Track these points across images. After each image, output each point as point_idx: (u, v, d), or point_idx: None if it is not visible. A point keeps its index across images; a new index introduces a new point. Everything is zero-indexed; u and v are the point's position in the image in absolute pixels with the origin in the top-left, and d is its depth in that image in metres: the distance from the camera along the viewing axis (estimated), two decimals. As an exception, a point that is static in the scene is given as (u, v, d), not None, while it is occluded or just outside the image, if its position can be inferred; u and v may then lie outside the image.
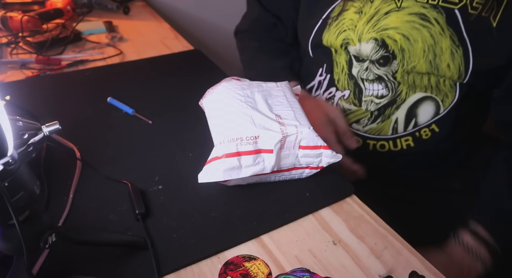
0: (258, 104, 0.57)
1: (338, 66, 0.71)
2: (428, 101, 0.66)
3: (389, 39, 0.62)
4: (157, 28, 1.19)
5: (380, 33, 0.62)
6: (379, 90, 0.67)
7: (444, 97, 0.65)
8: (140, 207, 0.51)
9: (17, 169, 0.34)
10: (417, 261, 0.48)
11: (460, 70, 0.60)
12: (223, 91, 0.61)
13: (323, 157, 0.55)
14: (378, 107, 0.69)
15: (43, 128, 0.54)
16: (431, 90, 0.65)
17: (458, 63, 0.59)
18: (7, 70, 0.89)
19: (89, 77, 0.87)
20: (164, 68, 0.93)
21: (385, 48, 0.63)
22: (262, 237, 0.50)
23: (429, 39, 0.60)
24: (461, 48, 0.59)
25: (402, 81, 0.65)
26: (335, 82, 0.72)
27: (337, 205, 0.55)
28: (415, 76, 0.63)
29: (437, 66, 0.61)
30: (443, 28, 0.59)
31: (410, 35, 0.60)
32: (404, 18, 0.60)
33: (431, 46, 0.60)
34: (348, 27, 0.66)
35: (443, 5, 0.58)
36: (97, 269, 0.44)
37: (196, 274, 0.46)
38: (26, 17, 1.02)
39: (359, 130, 0.73)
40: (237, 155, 0.51)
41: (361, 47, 0.65)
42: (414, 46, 0.61)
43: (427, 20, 0.59)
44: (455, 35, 0.58)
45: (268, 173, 0.53)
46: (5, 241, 0.36)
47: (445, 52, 0.59)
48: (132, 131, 0.68)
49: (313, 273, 0.43)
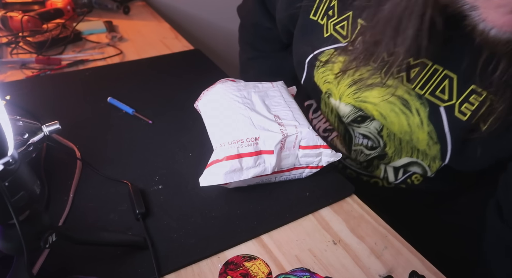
0: (256, 105, 0.57)
1: (326, 106, 0.67)
2: (415, 166, 0.63)
3: (367, 110, 0.59)
4: (157, 28, 1.19)
5: (358, 103, 0.59)
6: (365, 140, 0.65)
7: (431, 162, 0.61)
8: (140, 207, 0.51)
9: (17, 169, 0.34)
10: (417, 261, 0.48)
11: (437, 157, 0.56)
12: (219, 93, 0.61)
13: (322, 156, 0.55)
14: (367, 159, 0.66)
15: (43, 128, 0.54)
16: (417, 154, 0.61)
17: (434, 154, 0.55)
18: (7, 70, 0.89)
19: (89, 77, 0.87)
20: (164, 68, 0.93)
21: (364, 113, 0.60)
22: (262, 236, 0.50)
23: (405, 127, 0.55)
24: (439, 144, 0.53)
25: (388, 140, 0.61)
26: (327, 119, 0.69)
27: (337, 205, 0.55)
28: (402, 139, 0.59)
29: (415, 146, 0.58)
30: (423, 122, 0.53)
31: (387, 116, 0.56)
32: (386, 97, 0.55)
33: (407, 133, 0.56)
34: (331, 81, 0.62)
35: (429, 98, 0.51)
36: (97, 269, 0.44)
37: (196, 274, 0.46)
38: (26, 17, 1.02)
39: (352, 165, 0.70)
40: (238, 157, 0.51)
41: (340, 106, 0.63)
42: (390, 126, 0.57)
43: (408, 108, 0.53)
44: (434, 132, 0.53)
45: (269, 174, 0.53)
46: (5, 241, 0.36)
47: (421, 142, 0.55)
48: (132, 131, 0.68)
49: (313, 273, 0.43)
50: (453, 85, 0.49)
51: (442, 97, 0.50)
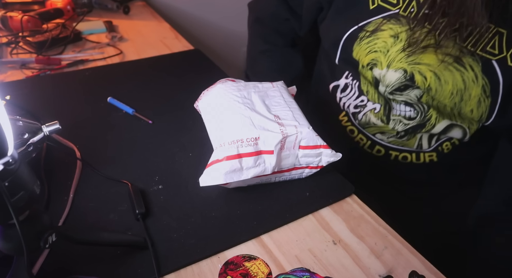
0: (256, 105, 0.57)
1: (365, 79, 0.68)
2: (456, 128, 0.64)
3: (419, 75, 0.59)
4: (157, 28, 1.19)
5: (412, 66, 0.59)
6: (407, 112, 0.65)
7: (469, 125, 0.63)
8: (140, 207, 0.51)
9: (17, 169, 0.34)
10: (417, 261, 0.48)
11: (482, 117, 0.58)
12: (219, 93, 0.61)
13: (322, 156, 0.55)
14: (405, 128, 0.67)
15: (43, 128, 0.54)
16: (455, 118, 0.63)
17: (482, 111, 0.58)
18: (7, 70, 0.89)
19: (89, 77, 0.87)
20: (164, 68, 0.93)
21: (411, 82, 0.60)
22: (262, 237, 0.50)
23: (460, 83, 0.57)
24: (490, 99, 0.57)
25: (429, 105, 0.63)
26: (364, 92, 0.70)
27: (337, 205, 0.55)
28: (439, 104, 0.61)
29: (461, 108, 0.59)
30: (477, 76, 0.56)
31: (442, 75, 0.58)
32: (439, 56, 0.57)
33: (460, 91, 0.57)
34: (380, 49, 0.62)
35: (481, 54, 0.55)
36: (97, 269, 0.44)
37: (196, 274, 0.46)
38: (26, 17, 1.02)
39: (382, 140, 0.71)
40: (238, 157, 0.51)
41: (387, 74, 0.62)
42: (443, 87, 0.58)
43: (462, 65, 0.56)
44: (488, 85, 0.56)
45: (269, 174, 0.53)
46: (5, 241, 0.36)
47: (472, 99, 0.57)
48: (132, 131, 0.68)
49: (313, 273, 0.43)
50: (503, 40, 0.53)
51: (493, 52, 0.54)
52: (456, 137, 0.66)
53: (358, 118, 0.71)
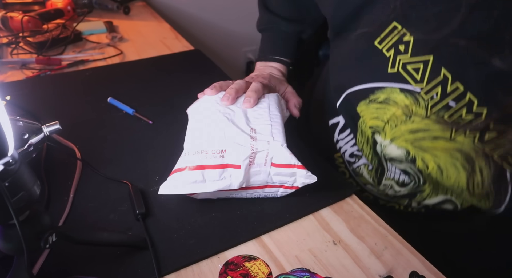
0: (235, 117, 0.55)
1: (363, 135, 0.62)
2: (448, 204, 0.61)
3: (422, 162, 0.54)
4: (157, 28, 1.19)
5: (416, 150, 0.53)
6: (401, 177, 0.61)
7: (464, 201, 0.60)
8: (140, 207, 0.51)
9: (18, 169, 0.34)
10: (417, 261, 0.48)
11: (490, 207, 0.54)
12: (208, 101, 0.59)
13: (297, 176, 0.51)
14: (395, 194, 0.64)
15: (43, 128, 0.54)
16: (451, 193, 0.59)
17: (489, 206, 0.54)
18: (8, 70, 0.89)
19: (90, 77, 0.87)
20: (164, 68, 0.93)
21: (412, 163, 0.55)
22: (262, 237, 0.50)
23: (463, 184, 0.52)
24: (493, 202, 0.52)
25: (428, 179, 0.58)
26: (360, 148, 0.64)
27: (337, 205, 0.55)
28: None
29: (464, 198, 0.56)
30: (484, 182, 0.50)
31: (445, 169, 0.52)
32: (450, 150, 0.51)
33: (462, 191, 0.53)
34: (388, 121, 0.55)
35: (498, 160, 0.48)
36: (97, 269, 0.44)
37: (196, 274, 0.46)
38: (26, 17, 1.02)
39: (372, 191, 0.68)
40: (200, 168, 0.49)
41: (389, 146, 0.57)
42: (444, 180, 0.53)
43: (471, 166, 0.50)
44: (493, 194, 0.51)
45: (235, 189, 0.51)
46: (5, 241, 0.36)
47: (474, 197, 0.53)
48: (132, 131, 0.68)
49: (314, 273, 0.43)
50: None
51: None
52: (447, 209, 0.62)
53: (352, 167, 0.68)
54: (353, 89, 0.58)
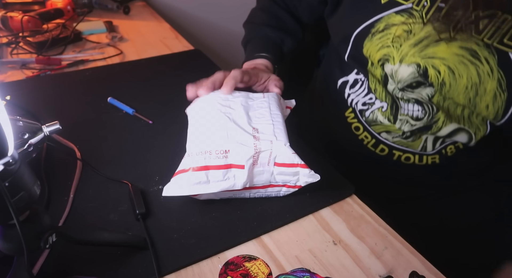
0: (237, 116, 0.55)
1: (374, 77, 0.67)
2: (462, 133, 0.63)
3: (433, 69, 0.58)
4: (157, 28, 1.19)
5: (425, 60, 0.58)
6: (415, 111, 0.64)
7: (476, 130, 0.62)
8: (140, 207, 0.51)
9: (18, 169, 0.34)
10: (417, 261, 0.48)
11: (498, 113, 0.57)
12: (207, 100, 0.59)
13: (300, 175, 0.51)
14: (412, 129, 0.66)
15: (43, 128, 0.54)
16: (464, 122, 0.62)
17: (498, 107, 0.56)
18: (8, 70, 0.89)
19: (90, 77, 0.87)
20: (164, 68, 0.93)
21: (424, 78, 0.59)
22: (263, 237, 0.50)
23: (475, 77, 0.56)
24: (507, 93, 0.55)
25: (439, 106, 0.62)
26: (372, 90, 0.68)
27: (337, 205, 0.55)
28: (450, 104, 0.60)
29: (476, 104, 0.57)
30: (493, 69, 0.54)
31: (456, 69, 0.56)
32: (453, 50, 0.56)
33: (474, 85, 0.56)
34: (393, 44, 0.60)
35: (498, 46, 0.53)
36: (97, 269, 0.44)
37: (197, 274, 0.46)
38: (26, 17, 1.02)
39: (387, 139, 0.69)
40: (204, 169, 0.49)
41: (400, 69, 0.61)
42: (457, 81, 0.57)
43: (477, 58, 0.55)
44: (504, 79, 0.54)
45: (239, 189, 0.50)
46: (5, 241, 0.36)
47: (488, 94, 0.56)
48: (132, 131, 0.68)
49: (314, 273, 0.43)
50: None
51: (510, 44, 0.53)
52: (461, 141, 0.65)
53: (365, 115, 0.70)
54: (356, 32, 0.64)
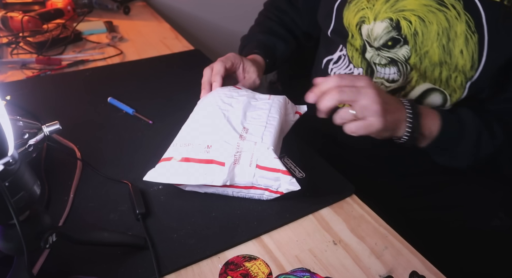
0: (233, 114, 0.55)
1: (353, 46, 0.71)
2: (436, 93, 0.66)
3: (404, 20, 0.63)
4: (157, 28, 1.19)
5: (396, 14, 0.63)
6: (391, 75, 0.67)
7: (452, 92, 0.65)
8: (140, 207, 0.51)
9: (18, 169, 0.34)
10: (417, 261, 0.48)
11: (473, 58, 0.59)
12: (212, 95, 0.61)
13: (281, 182, 0.50)
14: (387, 91, 0.69)
15: (43, 128, 0.54)
16: (440, 83, 0.65)
17: (471, 50, 0.59)
18: (8, 70, 0.89)
19: (90, 77, 0.87)
20: (164, 68, 0.93)
21: (397, 31, 0.63)
22: (263, 237, 0.50)
23: (444, 22, 0.60)
24: (477, 35, 0.58)
25: (415, 68, 0.65)
26: (350, 58, 0.73)
27: (337, 205, 0.55)
28: (427, 67, 0.63)
29: (450, 51, 0.60)
30: (460, 13, 0.58)
31: (425, 17, 0.61)
32: (421, 1, 0.61)
33: (445, 30, 0.60)
34: (367, 6, 0.66)
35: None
36: (97, 269, 0.44)
37: (197, 274, 0.46)
38: (26, 17, 1.02)
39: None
40: (186, 160, 0.50)
41: (375, 26, 0.65)
42: (428, 28, 0.61)
43: (444, 5, 0.59)
44: (471, 20, 0.58)
45: (219, 185, 0.51)
46: (5, 241, 0.36)
47: (459, 37, 0.59)
48: (133, 131, 0.68)
49: (314, 273, 0.43)
50: None
51: None
52: (435, 104, 0.66)
53: None
54: (336, 4, 0.71)
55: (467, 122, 0.60)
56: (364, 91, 0.53)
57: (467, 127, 0.60)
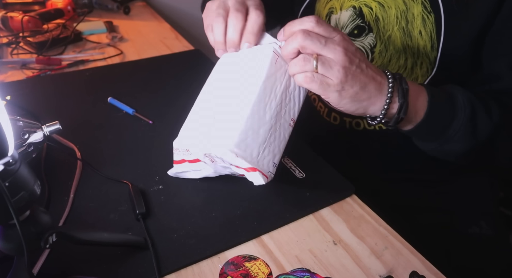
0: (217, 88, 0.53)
1: None
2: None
3: (366, 7, 0.65)
4: (157, 28, 1.19)
5: (358, 1, 0.65)
6: None
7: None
8: (140, 207, 0.51)
9: (18, 169, 0.34)
10: (417, 261, 0.48)
11: (432, 38, 0.60)
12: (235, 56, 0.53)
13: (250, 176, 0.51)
14: None
15: (43, 128, 0.54)
16: (406, 73, 0.65)
17: (429, 30, 0.60)
18: (8, 70, 0.89)
19: (90, 77, 0.87)
20: (164, 68, 0.93)
21: (361, 18, 0.65)
22: (263, 237, 0.50)
23: (401, 5, 0.62)
24: (433, 14, 0.59)
25: (379, 58, 0.66)
26: None
27: (337, 205, 0.55)
28: (392, 54, 0.64)
29: (410, 33, 0.62)
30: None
31: (384, 2, 0.63)
32: None
33: (403, 12, 0.62)
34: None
35: None
36: (97, 269, 0.44)
37: (197, 274, 0.46)
38: (26, 17, 1.02)
39: None
40: (182, 162, 0.54)
41: (341, 16, 0.67)
42: (387, 12, 0.63)
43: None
44: (427, 1, 0.60)
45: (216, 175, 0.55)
46: (5, 241, 0.36)
47: (416, 18, 0.61)
48: (133, 131, 0.68)
49: (314, 273, 0.43)
50: None
51: None
52: None
53: None
54: None
55: (458, 96, 0.53)
56: (333, 46, 0.45)
57: (459, 100, 0.52)
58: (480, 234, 0.70)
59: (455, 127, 0.52)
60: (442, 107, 0.52)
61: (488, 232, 0.70)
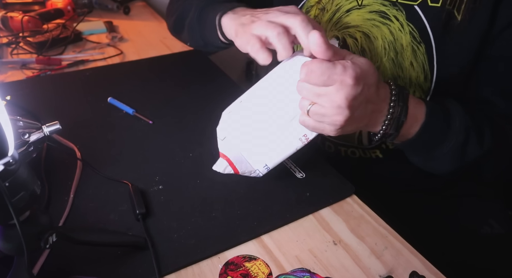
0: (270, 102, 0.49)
1: None
2: None
3: (350, 38, 0.61)
4: (157, 28, 1.19)
5: (342, 31, 0.62)
6: None
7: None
8: (140, 207, 0.51)
9: (18, 169, 0.34)
10: (417, 261, 0.48)
11: (425, 69, 0.58)
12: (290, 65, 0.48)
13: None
14: None
15: (43, 128, 0.54)
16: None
17: (421, 61, 0.58)
18: (8, 70, 0.89)
19: (90, 77, 0.87)
20: (164, 68, 0.93)
21: (346, 49, 0.61)
22: (263, 237, 0.50)
23: (388, 36, 0.59)
24: (423, 44, 0.57)
25: None
26: None
27: (337, 205, 0.55)
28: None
29: (400, 64, 0.59)
30: (403, 24, 0.57)
31: (370, 32, 0.60)
32: (365, 16, 0.60)
33: (391, 43, 0.59)
34: None
35: (402, 2, 0.57)
36: (97, 269, 0.44)
37: (197, 274, 0.46)
38: (26, 17, 1.02)
39: (329, 136, 0.69)
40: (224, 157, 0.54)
41: None
42: (374, 44, 0.60)
43: (387, 18, 0.58)
44: (416, 31, 0.57)
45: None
46: (5, 241, 0.36)
47: (406, 49, 0.58)
48: (133, 131, 0.68)
49: (314, 273, 0.43)
50: None
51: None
52: None
53: None
54: None
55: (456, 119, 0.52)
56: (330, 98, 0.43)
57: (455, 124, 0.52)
58: (492, 233, 0.69)
59: (443, 150, 0.53)
60: (436, 127, 0.52)
61: (500, 231, 0.69)
